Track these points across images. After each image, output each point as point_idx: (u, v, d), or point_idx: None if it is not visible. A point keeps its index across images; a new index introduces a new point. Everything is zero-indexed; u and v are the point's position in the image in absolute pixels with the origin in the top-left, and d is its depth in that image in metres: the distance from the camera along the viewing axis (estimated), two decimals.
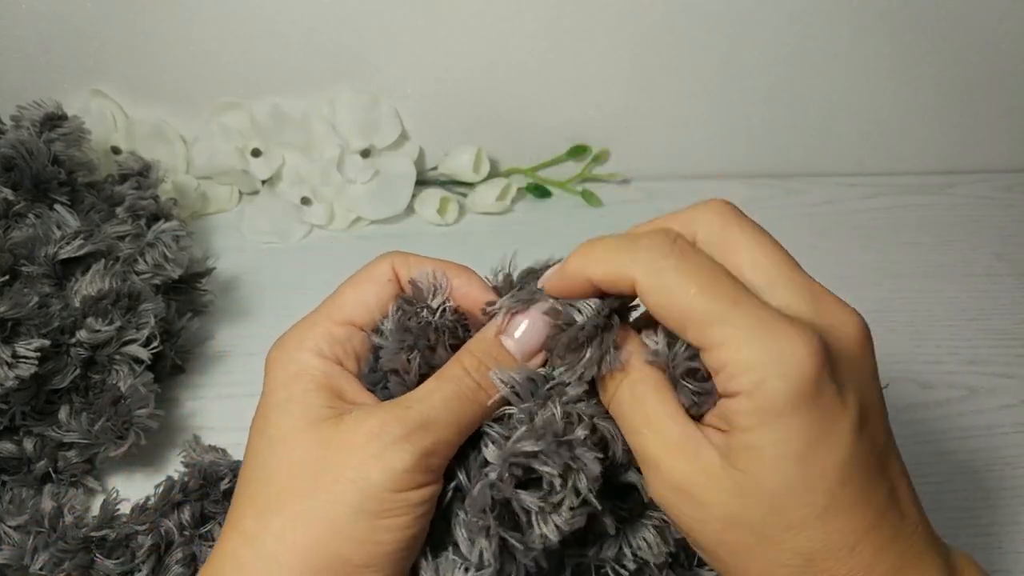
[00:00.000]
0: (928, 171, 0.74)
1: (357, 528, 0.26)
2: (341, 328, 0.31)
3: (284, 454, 0.28)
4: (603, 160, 0.71)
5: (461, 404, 0.28)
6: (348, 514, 0.26)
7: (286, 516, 0.27)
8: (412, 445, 0.27)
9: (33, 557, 0.42)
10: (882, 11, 0.63)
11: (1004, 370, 0.58)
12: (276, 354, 0.31)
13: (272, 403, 0.29)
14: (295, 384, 0.29)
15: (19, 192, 0.50)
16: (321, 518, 0.27)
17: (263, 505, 0.28)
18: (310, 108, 0.65)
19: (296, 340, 0.31)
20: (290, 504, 0.27)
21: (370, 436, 0.27)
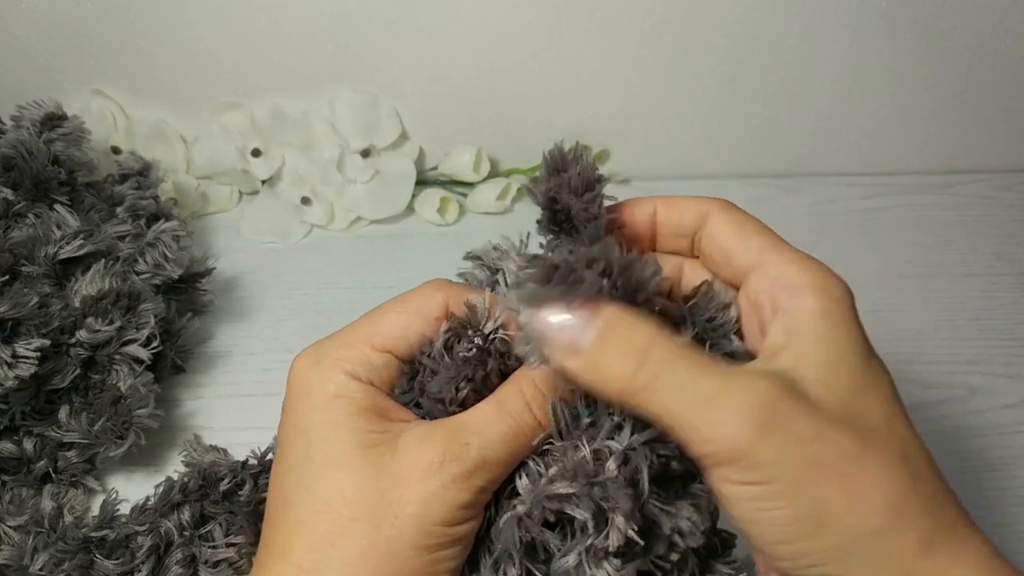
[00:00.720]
0: (928, 171, 0.73)
1: (416, 562, 0.26)
2: (379, 355, 0.29)
3: (336, 482, 0.27)
4: (603, 160, 0.71)
5: (518, 441, 0.28)
6: (408, 548, 0.26)
7: (346, 550, 0.26)
8: (471, 484, 0.27)
9: (33, 557, 0.42)
10: (882, 11, 0.63)
11: (1004, 370, 0.58)
12: (309, 370, 0.29)
13: (311, 424, 0.28)
14: (336, 406, 0.28)
15: (19, 192, 0.50)
16: (383, 553, 0.26)
17: (318, 537, 0.27)
18: (310, 108, 0.65)
19: (333, 358, 0.29)
20: (349, 537, 0.27)
21: (429, 470, 0.27)
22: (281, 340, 0.58)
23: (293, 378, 0.29)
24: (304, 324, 0.59)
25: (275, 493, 0.29)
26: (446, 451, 0.27)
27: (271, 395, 0.30)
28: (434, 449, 0.27)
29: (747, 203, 0.74)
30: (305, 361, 0.29)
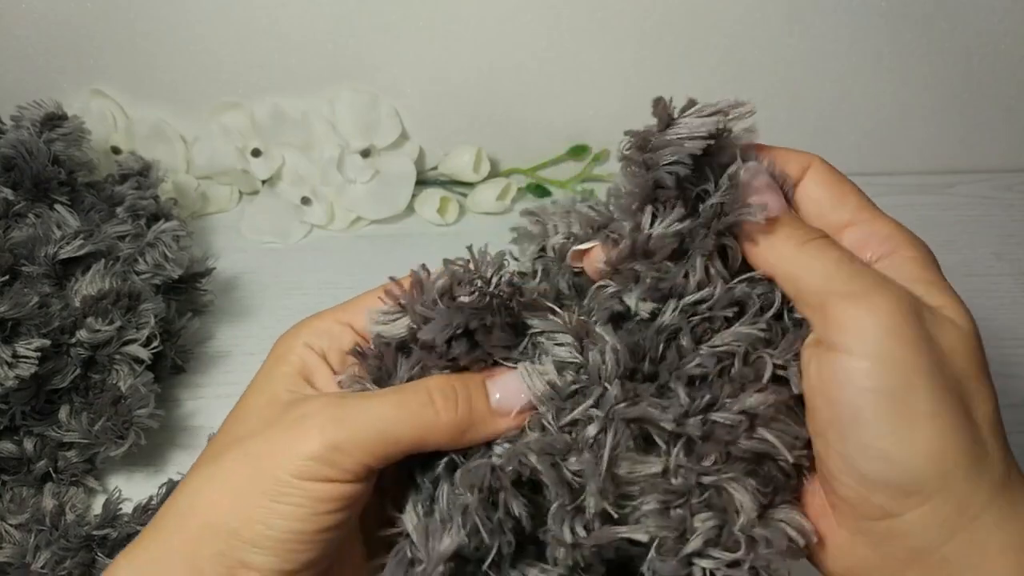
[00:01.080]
0: (928, 171, 0.73)
1: (249, 503, 0.26)
2: (339, 326, 0.31)
3: (231, 428, 0.29)
4: (603, 160, 0.71)
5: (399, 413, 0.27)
6: (246, 487, 0.26)
7: (202, 475, 0.28)
8: (323, 435, 0.26)
9: (35, 555, 0.42)
10: (882, 11, 0.63)
11: (1004, 370, 0.58)
12: (280, 337, 0.31)
13: (253, 382, 0.30)
14: (274, 368, 0.30)
15: (19, 192, 0.50)
16: (223, 483, 0.27)
17: (197, 463, 0.29)
18: (310, 108, 0.65)
19: (297, 329, 0.31)
20: (209, 468, 0.28)
21: (295, 417, 0.27)
22: None
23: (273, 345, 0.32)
24: None
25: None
26: (319, 404, 0.27)
27: None
28: (307, 406, 0.27)
29: None
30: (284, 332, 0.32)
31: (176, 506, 0.28)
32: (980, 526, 0.25)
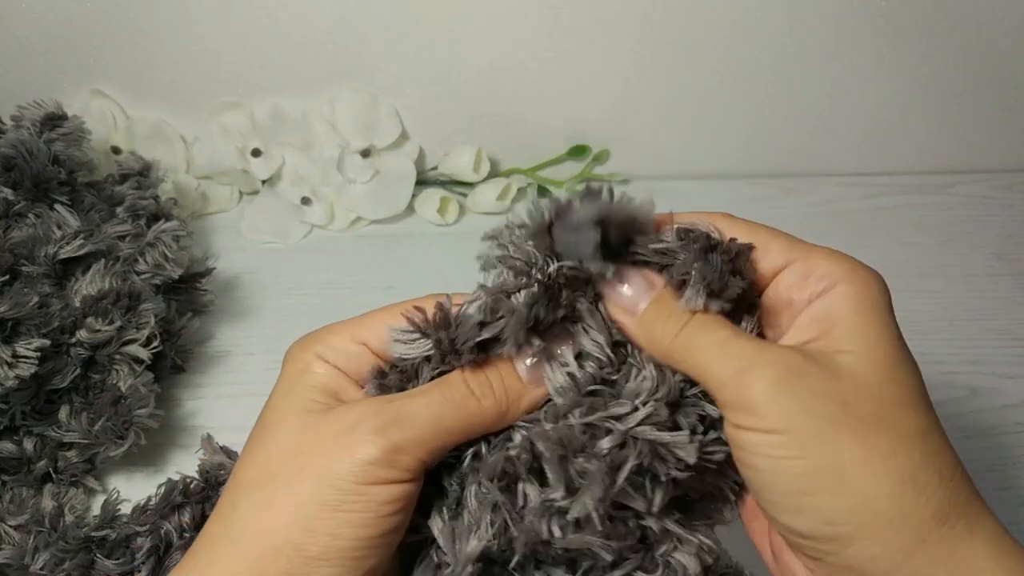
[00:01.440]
0: (928, 171, 0.73)
1: (315, 518, 0.26)
2: (355, 346, 0.30)
3: (270, 440, 0.28)
4: (603, 160, 0.71)
5: (445, 407, 0.28)
6: (308, 502, 0.26)
7: (253, 499, 0.27)
8: (382, 438, 0.27)
9: (34, 556, 0.42)
10: (882, 11, 0.63)
11: (1005, 370, 0.58)
12: (291, 352, 0.31)
13: (275, 396, 0.30)
14: (297, 381, 0.30)
15: (19, 192, 0.50)
16: (282, 503, 0.27)
17: (239, 487, 0.28)
18: (310, 108, 0.65)
19: (311, 343, 0.31)
20: (259, 487, 0.27)
21: (346, 426, 0.27)
22: (281, 340, 0.57)
23: (284, 359, 0.31)
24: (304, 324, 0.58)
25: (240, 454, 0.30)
26: (367, 410, 0.28)
27: None
28: (359, 409, 0.28)
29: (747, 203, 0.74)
30: (294, 344, 0.31)
31: (229, 532, 0.27)
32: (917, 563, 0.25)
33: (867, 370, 0.26)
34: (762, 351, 0.27)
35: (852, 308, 0.27)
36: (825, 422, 0.25)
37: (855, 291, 0.27)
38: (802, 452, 0.25)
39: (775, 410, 0.26)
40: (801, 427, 0.25)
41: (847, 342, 0.27)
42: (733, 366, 0.27)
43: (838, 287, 0.27)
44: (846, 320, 0.27)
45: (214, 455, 0.46)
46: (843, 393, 0.26)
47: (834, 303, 0.27)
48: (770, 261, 0.29)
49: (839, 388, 0.26)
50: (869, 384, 0.26)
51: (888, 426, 0.25)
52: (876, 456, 0.25)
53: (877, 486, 0.25)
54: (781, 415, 0.25)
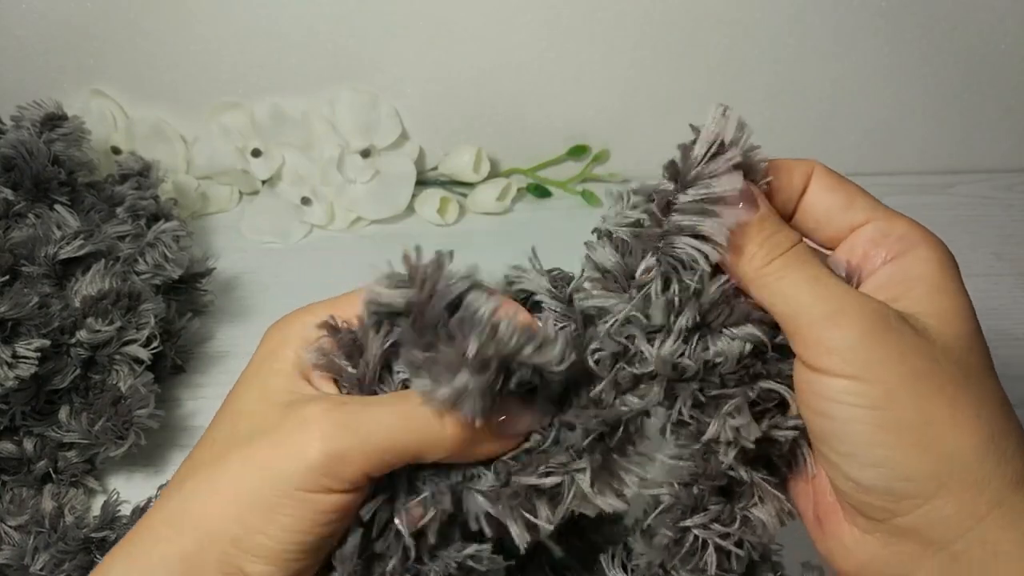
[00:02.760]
0: (928, 171, 0.73)
1: (251, 512, 0.26)
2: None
3: (227, 425, 0.28)
4: (603, 160, 0.71)
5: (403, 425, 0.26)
6: (245, 495, 0.26)
7: (200, 481, 0.27)
8: (325, 444, 0.25)
9: (34, 557, 0.42)
10: (882, 11, 0.63)
11: (1004, 370, 0.57)
12: (269, 331, 0.31)
13: (244, 377, 0.29)
14: (267, 362, 0.29)
15: (19, 192, 0.50)
16: (220, 491, 0.26)
17: (191, 467, 0.28)
18: (310, 108, 0.65)
19: (287, 322, 0.30)
20: (208, 472, 0.27)
21: (296, 424, 0.26)
22: None
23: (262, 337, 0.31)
24: None
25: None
26: (319, 409, 0.26)
27: None
28: (308, 411, 0.26)
29: None
30: (273, 324, 0.31)
31: (170, 510, 0.27)
32: (989, 526, 0.25)
33: (951, 332, 0.26)
34: (855, 296, 0.26)
35: (933, 271, 0.27)
36: (915, 376, 0.25)
37: (937, 256, 0.27)
38: (888, 403, 0.25)
39: (864, 357, 0.25)
40: (890, 378, 0.25)
41: (929, 304, 0.27)
42: (824, 306, 0.26)
43: (918, 249, 0.27)
44: (927, 282, 0.27)
45: None
46: (933, 351, 0.26)
47: (915, 265, 0.27)
48: (851, 216, 0.29)
49: (928, 345, 0.26)
50: (953, 347, 0.26)
51: (973, 388, 0.26)
52: (963, 416, 0.25)
53: (963, 445, 0.25)
54: (870, 363, 0.25)
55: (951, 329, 0.26)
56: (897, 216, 0.29)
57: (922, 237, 0.28)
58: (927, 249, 0.27)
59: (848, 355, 0.25)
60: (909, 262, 0.27)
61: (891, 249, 0.28)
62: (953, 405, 0.25)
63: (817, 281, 0.27)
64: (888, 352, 0.25)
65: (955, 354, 0.26)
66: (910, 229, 0.28)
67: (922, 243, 0.28)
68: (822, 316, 0.26)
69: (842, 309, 0.26)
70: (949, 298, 0.27)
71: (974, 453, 0.25)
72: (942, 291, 0.27)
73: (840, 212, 0.29)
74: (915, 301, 0.27)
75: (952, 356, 0.26)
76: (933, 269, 0.27)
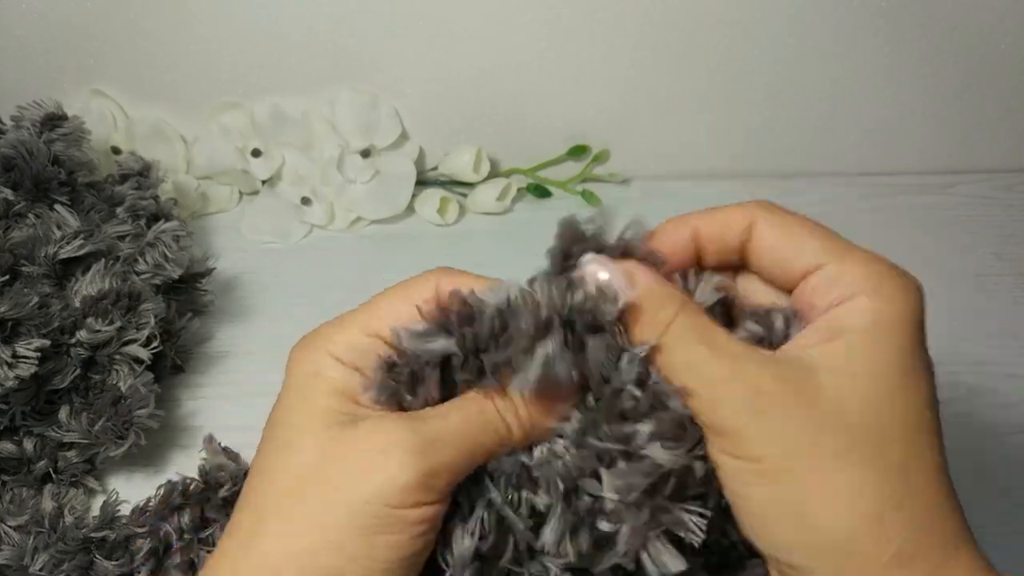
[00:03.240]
0: (928, 171, 0.73)
1: (352, 542, 0.26)
2: (367, 339, 0.29)
3: (290, 457, 0.27)
4: (603, 160, 0.71)
5: (479, 429, 0.27)
6: (344, 526, 0.26)
7: (283, 520, 0.26)
8: (417, 462, 0.26)
9: (33, 557, 0.42)
10: (882, 11, 0.63)
11: (1005, 370, 0.58)
12: (297, 353, 0.30)
13: (286, 404, 0.29)
14: (311, 386, 0.28)
15: (19, 192, 0.50)
16: (317, 526, 0.26)
17: (263, 507, 0.27)
18: (310, 108, 0.65)
19: (319, 342, 0.29)
20: (289, 508, 0.26)
21: (376, 446, 0.26)
22: (281, 340, 0.57)
23: (288, 362, 0.30)
24: (304, 324, 0.59)
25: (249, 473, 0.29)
26: (398, 429, 0.27)
27: (271, 395, 0.30)
28: (387, 427, 0.27)
29: None
30: (297, 345, 0.30)
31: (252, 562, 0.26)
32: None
33: (853, 395, 0.25)
34: (736, 370, 0.25)
35: (863, 324, 0.25)
36: (790, 453, 0.25)
37: (874, 306, 0.26)
38: (768, 483, 0.25)
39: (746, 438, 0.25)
40: (768, 458, 0.25)
41: (843, 358, 0.25)
42: (704, 390, 0.26)
43: (858, 299, 0.26)
44: (852, 336, 0.25)
45: (215, 456, 0.46)
46: (818, 420, 0.25)
47: (846, 316, 0.26)
48: (803, 262, 0.27)
49: (814, 415, 0.25)
50: (850, 412, 0.25)
51: (862, 461, 0.24)
52: (841, 494, 0.24)
53: (836, 524, 0.24)
54: (750, 444, 0.25)
55: (855, 388, 0.25)
56: (851, 258, 0.27)
57: (870, 285, 0.26)
58: (866, 299, 0.26)
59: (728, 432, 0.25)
60: (842, 312, 0.26)
61: (835, 296, 0.26)
62: (831, 483, 0.24)
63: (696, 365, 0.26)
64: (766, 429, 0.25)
65: (850, 418, 0.25)
66: (862, 275, 0.26)
67: (865, 292, 0.26)
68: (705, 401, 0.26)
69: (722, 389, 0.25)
70: (865, 354, 0.25)
71: (849, 534, 0.24)
72: (861, 345, 0.25)
73: (790, 259, 0.28)
74: (831, 356, 0.26)
75: (846, 421, 0.25)
76: (863, 323, 0.25)
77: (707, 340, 0.26)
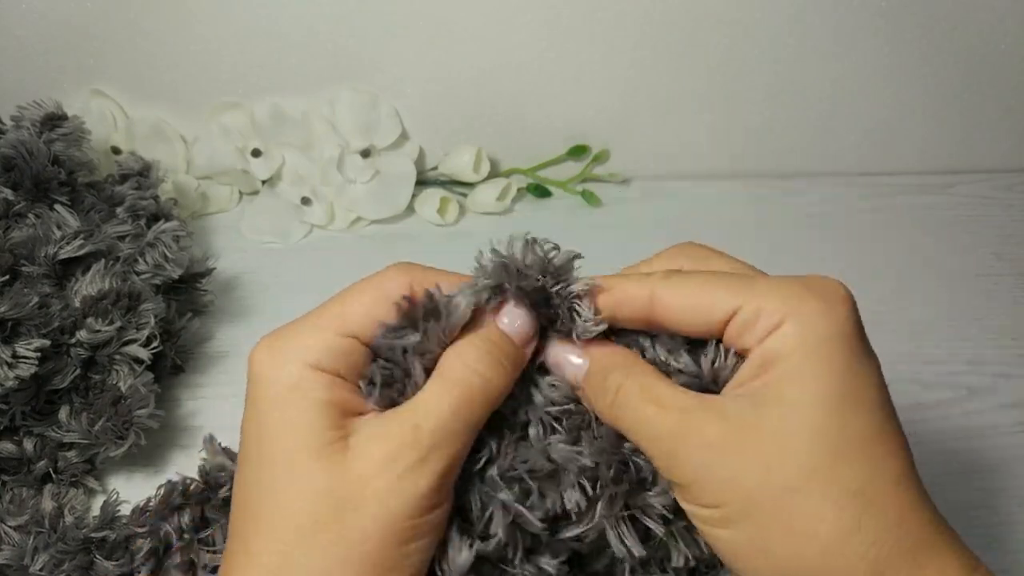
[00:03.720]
0: (928, 171, 0.73)
1: (386, 557, 0.26)
2: (344, 341, 0.28)
3: (295, 484, 0.27)
4: (603, 160, 0.71)
5: (471, 408, 0.27)
6: (377, 547, 0.26)
7: (315, 551, 0.26)
8: (429, 469, 0.26)
9: (33, 557, 0.42)
10: (882, 11, 0.63)
11: (1004, 370, 0.58)
12: (267, 358, 0.28)
13: (269, 422, 0.27)
14: (293, 402, 0.27)
15: (19, 192, 0.50)
16: (352, 553, 0.26)
17: (285, 540, 0.26)
18: (310, 108, 0.65)
19: (292, 347, 0.28)
20: (316, 539, 0.26)
21: (384, 464, 0.26)
22: None
23: (252, 369, 0.28)
24: None
25: (238, 491, 0.28)
26: (400, 441, 0.26)
27: None
28: (386, 443, 0.26)
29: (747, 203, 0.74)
30: (264, 350, 0.28)
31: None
32: None
33: (797, 423, 0.25)
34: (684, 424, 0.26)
35: (792, 348, 0.26)
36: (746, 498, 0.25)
37: (798, 329, 0.26)
38: (731, 527, 0.26)
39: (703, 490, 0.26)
40: (727, 503, 0.26)
41: (783, 387, 0.26)
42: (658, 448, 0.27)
43: (783, 326, 0.26)
44: (784, 363, 0.26)
45: (216, 456, 0.46)
46: (765, 459, 0.25)
47: (776, 344, 0.26)
48: (719, 310, 0.27)
49: (761, 454, 0.25)
50: (797, 443, 0.25)
51: (818, 488, 0.25)
52: (797, 528, 0.25)
53: (801, 557, 0.25)
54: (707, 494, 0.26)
55: (799, 415, 0.25)
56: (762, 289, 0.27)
57: (789, 309, 0.26)
58: (790, 324, 0.26)
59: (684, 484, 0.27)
60: (771, 343, 0.26)
61: (761, 331, 0.26)
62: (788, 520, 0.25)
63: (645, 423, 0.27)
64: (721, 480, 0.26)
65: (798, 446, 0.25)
66: (777, 302, 0.26)
67: (787, 317, 0.26)
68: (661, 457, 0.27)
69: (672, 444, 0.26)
70: (802, 376, 0.25)
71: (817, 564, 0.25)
72: (796, 370, 0.26)
73: (704, 315, 0.28)
74: (771, 385, 0.26)
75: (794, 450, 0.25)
76: (792, 346, 0.26)
77: (654, 399, 0.27)
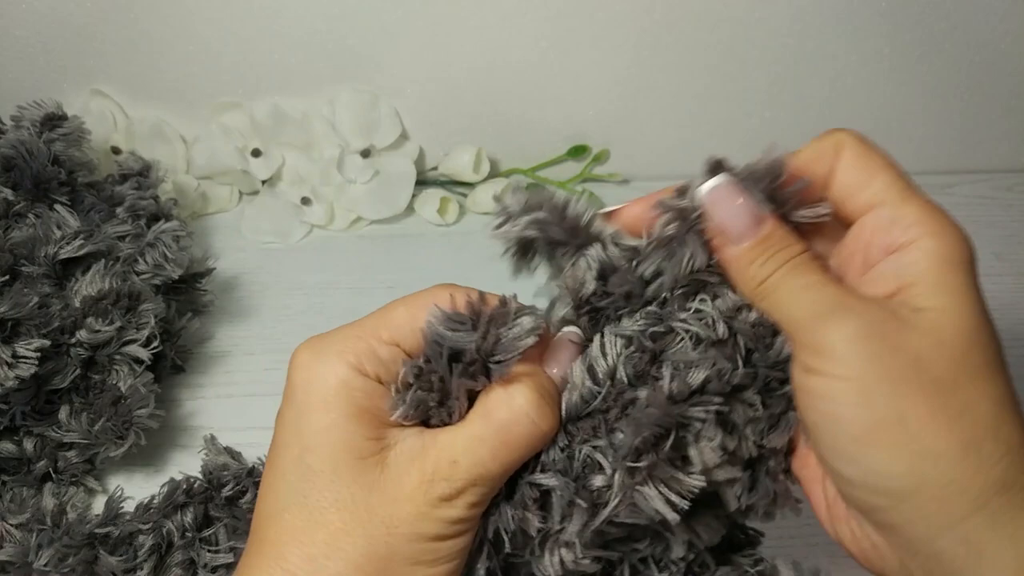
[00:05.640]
0: (928, 171, 0.73)
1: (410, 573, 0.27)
2: (386, 348, 0.28)
3: (329, 491, 0.27)
4: (603, 160, 0.71)
5: (510, 452, 0.27)
6: (403, 564, 0.27)
7: (342, 563, 0.26)
8: (462, 501, 0.27)
9: (37, 553, 0.42)
10: (881, 11, 0.63)
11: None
12: (311, 361, 0.28)
13: (308, 428, 0.28)
14: (336, 406, 0.27)
15: (19, 192, 0.50)
16: (379, 568, 0.26)
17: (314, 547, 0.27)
18: (310, 108, 0.65)
19: (337, 349, 0.28)
20: (345, 551, 0.26)
21: (418, 489, 0.27)
22: (281, 340, 0.58)
23: (294, 371, 0.28)
24: (304, 324, 0.59)
25: (269, 493, 0.28)
26: (435, 470, 0.27)
27: (271, 395, 0.30)
28: (423, 468, 0.27)
29: None
30: (307, 353, 0.28)
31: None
32: (973, 527, 0.24)
33: (947, 330, 0.26)
34: (846, 300, 0.27)
35: (935, 265, 0.26)
36: (895, 375, 0.25)
37: (940, 248, 0.27)
38: (865, 401, 0.25)
39: (847, 357, 0.26)
40: (869, 376, 0.25)
41: (928, 299, 0.26)
42: (814, 310, 0.27)
43: (922, 241, 0.27)
44: (928, 277, 0.26)
45: (217, 456, 0.46)
46: (919, 350, 0.25)
47: (917, 258, 0.27)
48: (867, 196, 0.28)
49: (915, 344, 0.25)
50: (947, 344, 0.26)
51: (962, 389, 0.25)
52: (943, 416, 0.25)
53: (939, 446, 0.25)
54: (852, 362, 0.25)
55: (946, 327, 0.26)
56: (910, 201, 0.28)
57: (929, 228, 0.27)
58: (932, 240, 0.27)
59: (834, 355, 0.26)
60: (910, 255, 0.27)
61: (895, 239, 0.27)
62: (932, 406, 0.25)
63: (810, 288, 0.27)
64: (871, 351, 0.25)
65: (948, 351, 0.26)
66: (919, 217, 0.27)
67: (926, 235, 0.27)
68: (811, 318, 0.27)
69: (831, 312, 0.26)
70: (946, 295, 0.26)
71: (951, 454, 0.25)
72: (939, 287, 0.26)
73: (858, 190, 0.28)
74: (914, 296, 0.26)
75: (944, 353, 0.26)
76: (932, 264, 0.26)
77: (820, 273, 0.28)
